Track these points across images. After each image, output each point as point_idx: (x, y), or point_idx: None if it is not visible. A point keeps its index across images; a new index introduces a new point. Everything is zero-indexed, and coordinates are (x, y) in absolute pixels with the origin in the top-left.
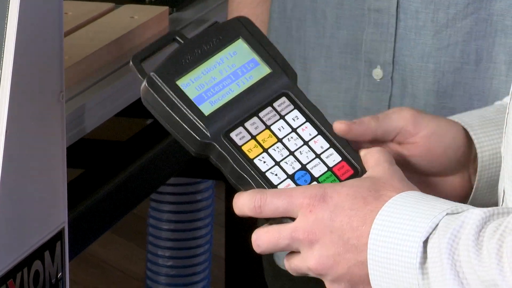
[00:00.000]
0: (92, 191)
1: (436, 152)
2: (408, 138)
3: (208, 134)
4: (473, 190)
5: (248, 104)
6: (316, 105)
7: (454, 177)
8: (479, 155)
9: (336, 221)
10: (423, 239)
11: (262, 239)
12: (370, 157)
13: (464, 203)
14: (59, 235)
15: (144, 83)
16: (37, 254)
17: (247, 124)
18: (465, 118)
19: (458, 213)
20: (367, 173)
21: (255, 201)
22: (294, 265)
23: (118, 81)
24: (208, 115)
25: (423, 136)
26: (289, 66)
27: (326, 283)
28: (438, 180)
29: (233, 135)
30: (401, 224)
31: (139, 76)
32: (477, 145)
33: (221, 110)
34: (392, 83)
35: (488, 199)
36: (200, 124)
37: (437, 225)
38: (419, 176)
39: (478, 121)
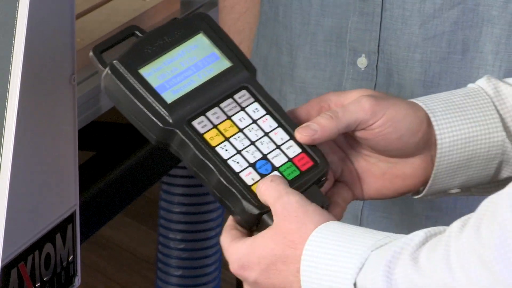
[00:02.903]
0: (103, 174)
1: (391, 137)
2: (365, 127)
3: (171, 121)
4: (432, 175)
5: (209, 95)
6: (301, 91)
7: (414, 159)
8: (438, 141)
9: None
10: (353, 281)
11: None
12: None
13: (425, 185)
14: (70, 218)
15: (107, 70)
16: (49, 237)
17: (208, 114)
18: (428, 102)
19: (381, 246)
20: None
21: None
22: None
23: None
24: (170, 103)
25: (379, 125)
26: (248, 61)
27: None
28: (398, 160)
29: (195, 123)
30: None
31: (100, 66)
32: (436, 131)
33: (183, 99)
34: (377, 72)
35: (448, 184)
36: (162, 111)
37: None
38: (379, 155)
39: (442, 105)
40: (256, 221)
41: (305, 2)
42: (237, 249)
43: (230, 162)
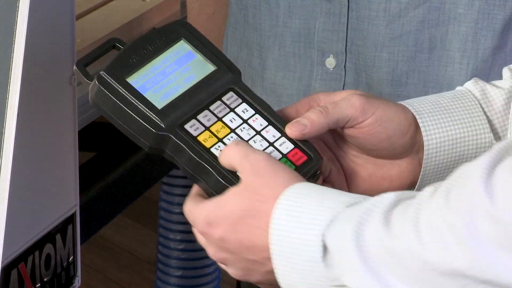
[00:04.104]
0: (104, 175)
1: (379, 137)
2: (355, 124)
3: (163, 126)
4: (420, 177)
5: (198, 99)
6: (271, 93)
7: (402, 161)
8: (425, 143)
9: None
10: (322, 232)
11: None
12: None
13: (412, 188)
14: (70, 219)
15: (94, 81)
16: (49, 237)
17: (199, 117)
18: (416, 104)
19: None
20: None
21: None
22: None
23: None
24: (161, 109)
25: (369, 123)
26: (232, 64)
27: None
28: (385, 162)
29: (187, 126)
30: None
31: (85, 79)
32: (423, 132)
33: (172, 104)
34: (346, 72)
35: None
36: (154, 117)
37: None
38: (367, 156)
39: (429, 107)
40: None
41: (273, 3)
42: (203, 207)
43: None
